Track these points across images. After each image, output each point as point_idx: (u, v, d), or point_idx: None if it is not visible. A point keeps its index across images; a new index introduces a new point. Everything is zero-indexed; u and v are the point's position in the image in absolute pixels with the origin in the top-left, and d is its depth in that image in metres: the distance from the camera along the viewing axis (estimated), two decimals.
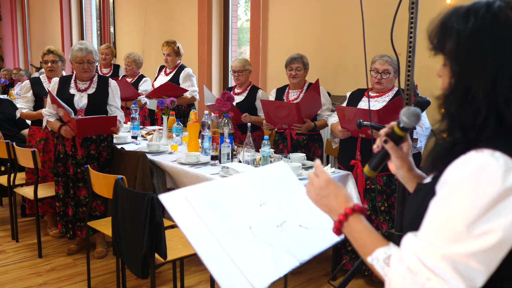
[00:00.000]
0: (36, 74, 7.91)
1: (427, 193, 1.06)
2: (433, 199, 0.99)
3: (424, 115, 3.20)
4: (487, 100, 0.95)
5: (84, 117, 3.65)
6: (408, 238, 1.00)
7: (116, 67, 6.02)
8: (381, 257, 1.03)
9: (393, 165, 1.36)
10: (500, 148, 0.92)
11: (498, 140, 0.94)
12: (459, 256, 0.90)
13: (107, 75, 5.86)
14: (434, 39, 1.03)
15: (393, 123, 1.32)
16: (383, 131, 1.34)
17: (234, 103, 4.26)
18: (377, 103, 3.38)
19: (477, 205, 0.90)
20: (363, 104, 3.48)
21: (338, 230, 1.14)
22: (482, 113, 0.95)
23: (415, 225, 1.08)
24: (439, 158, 1.04)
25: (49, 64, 4.25)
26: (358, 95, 3.57)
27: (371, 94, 3.49)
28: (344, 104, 3.60)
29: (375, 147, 1.35)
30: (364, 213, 1.15)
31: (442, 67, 1.05)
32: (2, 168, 4.87)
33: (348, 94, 3.68)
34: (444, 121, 1.04)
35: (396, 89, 3.45)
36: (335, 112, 3.73)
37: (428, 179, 1.16)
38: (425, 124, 3.24)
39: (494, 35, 0.93)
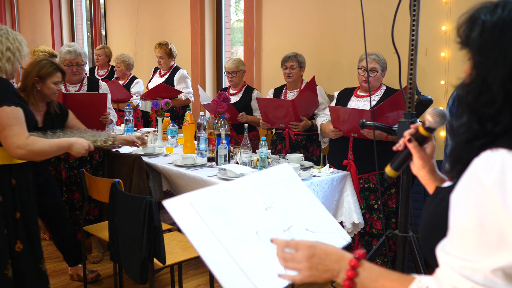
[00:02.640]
0: None
1: (444, 197, 1.04)
2: (456, 209, 0.95)
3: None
4: (502, 90, 0.95)
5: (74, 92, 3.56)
6: (445, 259, 0.95)
7: (113, 68, 5.96)
8: None
9: (415, 166, 1.35)
10: None
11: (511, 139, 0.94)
12: (507, 264, 0.87)
13: (103, 77, 5.81)
14: (462, 32, 1.03)
15: (418, 124, 1.32)
16: (407, 132, 1.32)
17: None
18: (367, 102, 3.37)
19: (508, 210, 0.87)
20: (353, 104, 3.46)
21: None
22: (497, 102, 0.95)
23: (430, 229, 1.06)
24: (458, 159, 1.02)
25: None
26: (346, 94, 3.56)
27: (359, 93, 3.49)
28: (333, 104, 3.58)
29: (397, 146, 1.35)
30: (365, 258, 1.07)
31: (468, 62, 1.04)
32: None
33: (336, 94, 3.66)
34: (463, 115, 1.03)
35: (384, 87, 3.44)
36: (323, 112, 3.72)
37: (447, 183, 1.13)
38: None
39: None
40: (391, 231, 2.12)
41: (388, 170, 1.36)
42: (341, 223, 3.29)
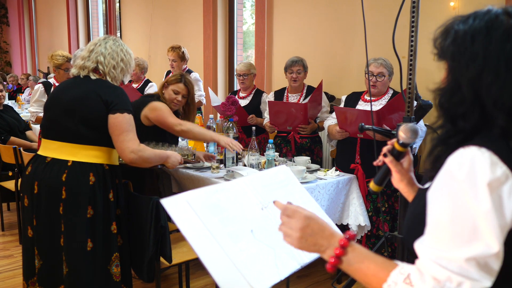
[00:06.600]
0: (42, 80, 7.97)
1: (424, 196, 1.09)
2: (432, 203, 1.01)
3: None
4: (471, 89, 1.03)
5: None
6: (423, 251, 1.01)
7: None
8: (399, 280, 1.00)
9: (394, 179, 1.42)
10: (484, 144, 0.98)
11: (482, 138, 1.01)
12: (479, 255, 0.93)
13: None
14: (438, 44, 1.10)
15: (394, 140, 1.38)
16: (385, 148, 1.39)
17: None
18: (374, 107, 3.39)
19: (479, 203, 0.93)
20: (360, 108, 3.48)
21: (334, 266, 1.09)
22: (467, 101, 1.03)
23: (410, 225, 1.14)
24: (436, 157, 1.09)
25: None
26: (354, 99, 3.58)
27: (366, 97, 3.51)
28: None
29: (377, 162, 1.42)
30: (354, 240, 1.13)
31: (444, 71, 1.12)
32: (10, 173, 4.91)
33: (343, 98, 3.68)
34: (439, 116, 1.10)
35: (391, 92, 3.47)
36: (331, 115, 3.75)
37: (428, 184, 1.18)
38: (422, 127, 3.25)
39: (486, 35, 1.02)
40: (391, 233, 2.15)
41: (372, 185, 1.42)
42: (347, 225, 3.33)
